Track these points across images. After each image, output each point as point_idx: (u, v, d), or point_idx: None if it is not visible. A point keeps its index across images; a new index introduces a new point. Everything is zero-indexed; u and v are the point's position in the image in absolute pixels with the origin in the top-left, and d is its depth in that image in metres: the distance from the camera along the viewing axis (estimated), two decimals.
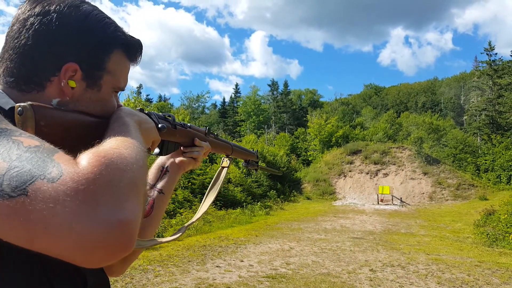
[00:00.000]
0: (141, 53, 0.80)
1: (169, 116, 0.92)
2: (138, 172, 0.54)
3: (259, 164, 1.37)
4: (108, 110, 0.73)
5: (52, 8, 0.66)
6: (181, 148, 1.00)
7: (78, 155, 0.51)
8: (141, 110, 0.81)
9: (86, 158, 0.50)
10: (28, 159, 0.46)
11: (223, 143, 1.15)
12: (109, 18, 0.73)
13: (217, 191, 1.11)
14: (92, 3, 0.75)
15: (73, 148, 0.55)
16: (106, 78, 0.72)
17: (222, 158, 1.21)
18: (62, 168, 0.46)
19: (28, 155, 0.47)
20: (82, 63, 0.68)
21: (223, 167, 1.19)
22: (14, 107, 0.59)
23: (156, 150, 0.91)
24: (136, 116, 0.73)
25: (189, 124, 0.98)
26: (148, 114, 0.82)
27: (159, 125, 0.82)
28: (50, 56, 0.66)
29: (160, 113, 0.89)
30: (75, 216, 0.44)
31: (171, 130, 0.89)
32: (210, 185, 1.14)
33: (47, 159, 0.47)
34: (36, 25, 0.65)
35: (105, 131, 0.65)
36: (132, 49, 0.77)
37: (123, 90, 0.79)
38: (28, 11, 0.66)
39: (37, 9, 0.66)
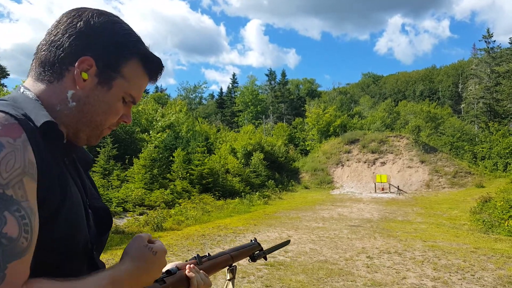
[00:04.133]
0: (160, 72, 0.84)
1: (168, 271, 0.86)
2: None
3: (264, 250, 1.24)
4: (110, 113, 0.78)
5: (86, 12, 0.76)
6: None
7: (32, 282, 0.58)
8: (168, 272, 0.85)
9: None
10: None
11: (220, 259, 1.02)
12: (134, 32, 0.80)
13: None
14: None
15: None
16: (119, 81, 0.76)
17: (226, 271, 1.07)
18: (1, 284, 0.51)
19: None
20: (99, 60, 0.74)
21: (228, 280, 1.08)
22: (48, 121, 0.66)
23: None
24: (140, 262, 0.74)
25: (176, 266, 0.88)
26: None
27: None
28: (71, 47, 0.73)
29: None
30: None
31: None
32: None
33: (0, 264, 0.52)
34: (67, 21, 0.74)
35: None
36: (150, 63, 0.81)
37: (135, 102, 0.81)
38: (65, 15, 0.76)
39: (73, 13, 0.76)
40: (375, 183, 25.73)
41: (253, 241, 1.21)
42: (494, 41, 41.07)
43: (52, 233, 0.64)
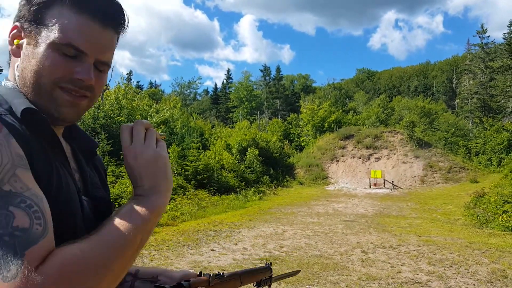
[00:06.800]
0: (105, 9, 0.70)
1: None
2: (100, 283, 0.57)
3: (272, 277, 1.13)
4: (43, 68, 0.67)
5: None
6: None
7: (53, 251, 0.56)
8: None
9: (49, 265, 0.54)
10: (3, 244, 0.52)
11: (231, 281, 0.93)
12: None
13: None
14: None
15: None
16: (44, 32, 0.68)
17: None
18: (20, 271, 0.51)
19: (6, 240, 0.53)
20: (22, 21, 0.69)
21: None
22: (25, 109, 0.64)
23: None
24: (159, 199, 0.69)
25: (187, 281, 0.79)
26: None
27: None
28: (14, 22, 0.72)
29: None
30: None
31: None
32: None
33: (17, 253, 0.52)
34: None
35: None
36: (81, 1, 0.68)
37: (83, 52, 0.68)
38: None
39: None
40: (369, 179, 25.83)
41: (267, 265, 1.12)
42: (488, 36, 41.11)
43: None
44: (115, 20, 0.73)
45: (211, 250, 7.01)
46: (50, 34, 0.67)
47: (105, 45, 0.71)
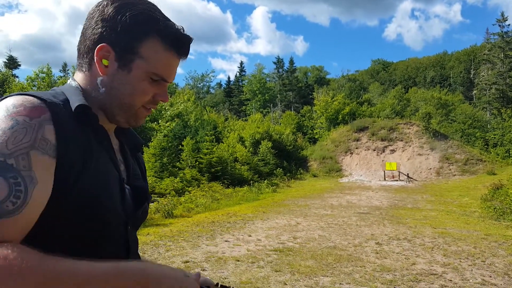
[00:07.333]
0: (184, 45, 0.84)
1: None
2: None
3: None
4: (136, 94, 0.81)
5: (104, 2, 0.80)
6: None
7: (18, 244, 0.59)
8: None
9: (6, 252, 0.55)
10: None
11: None
12: (149, 10, 0.80)
13: None
14: None
15: None
16: (138, 62, 0.79)
17: None
18: None
19: None
20: (115, 45, 0.78)
21: None
22: (80, 105, 0.74)
23: None
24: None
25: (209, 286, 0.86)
26: None
27: None
28: (94, 37, 0.79)
29: None
30: None
31: None
32: None
33: None
34: (92, 13, 0.80)
35: None
36: (168, 39, 0.80)
37: (166, 80, 0.83)
38: (92, 8, 0.82)
39: (96, 4, 0.81)
40: (384, 171, 25.58)
41: None
42: (509, 25, 39.65)
43: (77, 199, 0.69)
44: (188, 52, 0.86)
45: (226, 241, 7.11)
46: (144, 64, 0.79)
47: (176, 71, 0.87)
